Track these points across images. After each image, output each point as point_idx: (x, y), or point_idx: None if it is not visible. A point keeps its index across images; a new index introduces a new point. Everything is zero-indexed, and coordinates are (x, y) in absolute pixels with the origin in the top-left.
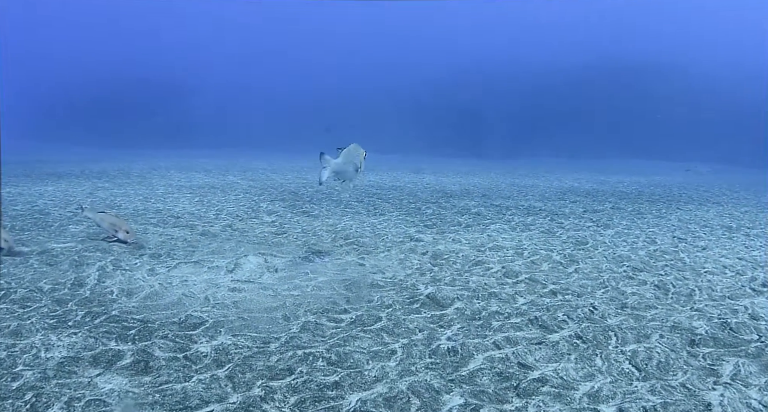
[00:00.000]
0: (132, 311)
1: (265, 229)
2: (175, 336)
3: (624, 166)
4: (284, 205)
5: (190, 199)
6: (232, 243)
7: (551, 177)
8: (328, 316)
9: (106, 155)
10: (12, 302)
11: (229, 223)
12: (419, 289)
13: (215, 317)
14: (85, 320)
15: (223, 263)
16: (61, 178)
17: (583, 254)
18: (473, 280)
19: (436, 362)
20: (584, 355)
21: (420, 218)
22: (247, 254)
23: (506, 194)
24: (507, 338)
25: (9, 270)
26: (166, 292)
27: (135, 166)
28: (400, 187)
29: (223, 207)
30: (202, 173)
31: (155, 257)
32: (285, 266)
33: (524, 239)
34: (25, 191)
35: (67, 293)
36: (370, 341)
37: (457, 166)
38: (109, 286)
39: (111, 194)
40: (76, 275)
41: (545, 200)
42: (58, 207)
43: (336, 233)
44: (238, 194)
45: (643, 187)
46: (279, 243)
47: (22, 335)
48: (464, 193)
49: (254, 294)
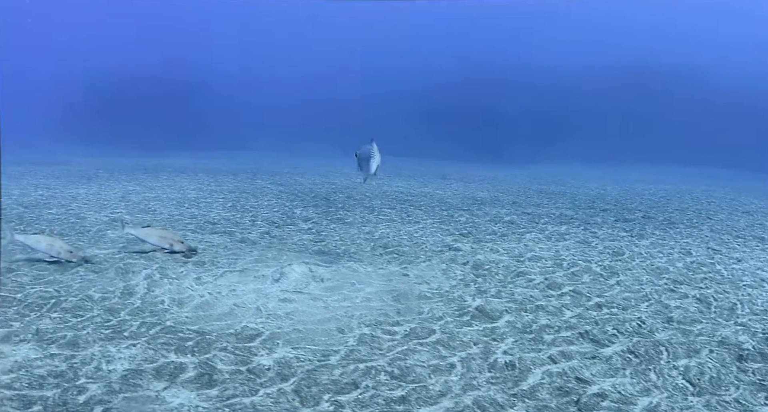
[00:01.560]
0: (186, 322)
1: (303, 237)
2: (234, 348)
3: (647, 173)
4: (318, 211)
5: (224, 205)
6: (273, 251)
7: (576, 183)
8: (382, 328)
9: (129, 156)
10: (64, 310)
11: (267, 230)
12: (467, 301)
13: (270, 329)
14: (140, 331)
15: (269, 272)
16: (91, 181)
17: (622, 265)
18: (518, 292)
19: (496, 376)
20: (638, 370)
21: (454, 226)
22: (291, 263)
23: (536, 202)
24: (561, 352)
25: (56, 277)
26: (216, 302)
27: (162, 169)
28: (430, 194)
29: (257, 213)
30: (229, 176)
31: (199, 265)
32: (330, 275)
33: (561, 249)
34: (58, 194)
35: (117, 302)
36: (428, 354)
37: (480, 171)
38: (159, 295)
39: (144, 198)
40: (124, 284)
41: (576, 209)
42: (93, 211)
43: (374, 241)
44: (270, 200)
45: (670, 195)
46: (319, 251)
47: (79, 345)
48: (494, 200)
49: (305, 305)
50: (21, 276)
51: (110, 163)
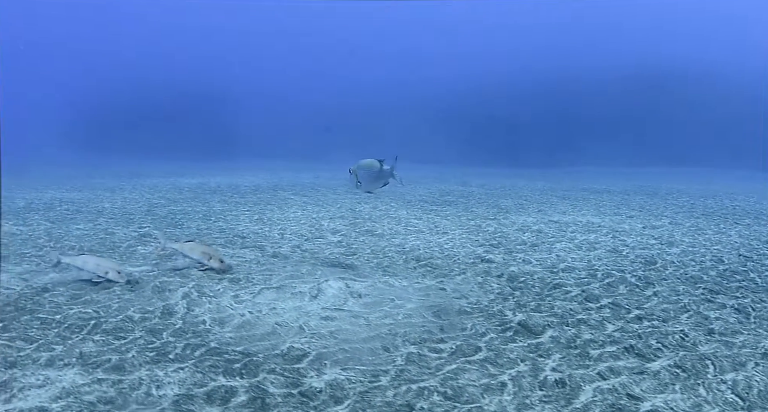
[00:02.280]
0: (230, 342)
1: (334, 250)
2: (282, 370)
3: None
4: (345, 223)
5: (250, 217)
6: (307, 266)
7: (597, 187)
8: (428, 346)
9: (148, 166)
10: (105, 332)
11: (297, 243)
12: (507, 315)
13: (316, 349)
14: (186, 353)
15: (306, 289)
16: (114, 193)
17: (656, 274)
18: (557, 305)
19: (548, 394)
20: (687, 385)
21: (483, 236)
22: (327, 279)
23: (561, 209)
24: (609, 367)
25: (92, 297)
26: (258, 321)
27: (183, 181)
28: (453, 202)
29: (285, 226)
30: (251, 188)
31: (235, 281)
32: (367, 290)
33: (593, 259)
34: (83, 208)
35: (158, 322)
36: (478, 373)
37: (499, 177)
38: (199, 315)
39: (169, 212)
40: (163, 303)
41: (601, 216)
42: (121, 226)
43: (406, 253)
44: (295, 211)
45: (694, 199)
46: (353, 266)
47: (125, 369)
48: (519, 208)
49: (347, 323)
50: (57, 296)
51: (130, 175)
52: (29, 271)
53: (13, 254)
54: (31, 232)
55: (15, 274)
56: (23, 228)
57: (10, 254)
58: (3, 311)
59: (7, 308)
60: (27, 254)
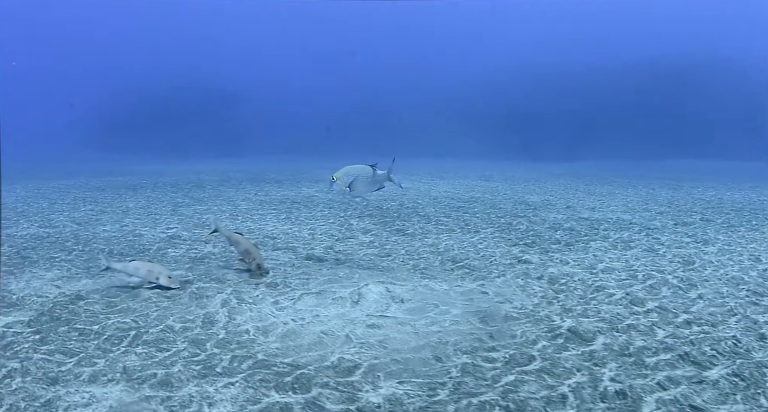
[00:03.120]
0: (277, 354)
1: (368, 251)
2: (336, 383)
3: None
4: (374, 221)
5: (277, 217)
6: (343, 269)
7: (621, 181)
8: (480, 355)
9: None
10: (147, 344)
11: (329, 244)
12: (555, 321)
13: (367, 360)
14: (233, 366)
15: (346, 294)
16: (137, 193)
17: (696, 275)
18: (603, 309)
19: (611, 406)
20: (748, 395)
21: (516, 235)
22: (367, 283)
23: (589, 205)
24: (668, 377)
25: (129, 305)
26: (302, 329)
27: (204, 178)
28: (480, 199)
29: (315, 226)
30: (274, 185)
31: (272, 286)
32: (409, 295)
33: (630, 258)
34: (107, 208)
35: (200, 332)
36: (536, 384)
37: (521, 171)
38: (241, 323)
39: (195, 212)
40: (203, 311)
41: (631, 212)
42: (148, 227)
43: (441, 254)
44: (322, 210)
45: (720, 193)
46: (389, 268)
47: (173, 385)
48: (547, 204)
49: (394, 331)
50: (92, 304)
51: (151, 173)
52: (60, 277)
53: (43, 258)
54: (57, 234)
55: (47, 280)
56: (49, 230)
57: (40, 259)
58: (39, 320)
59: (43, 317)
60: (56, 258)
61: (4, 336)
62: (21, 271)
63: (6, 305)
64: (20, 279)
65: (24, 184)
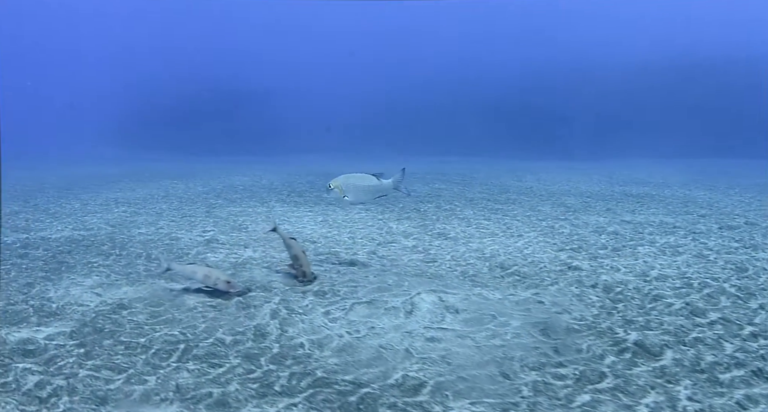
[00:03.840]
0: (336, 370)
1: (412, 256)
2: (404, 405)
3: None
4: (413, 224)
5: (314, 219)
6: (391, 276)
7: (654, 181)
8: (549, 371)
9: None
10: (198, 359)
11: (372, 249)
12: (618, 333)
13: (432, 377)
14: (292, 384)
15: (398, 303)
16: (168, 193)
17: (753, 284)
18: (666, 321)
19: None
20: None
21: (560, 239)
22: (419, 291)
23: (629, 208)
24: (746, 395)
25: (174, 315)
26: (359, 343)
27: (235, 179)
28: (517, 201)
29: (353, 229)
30: (305, 185)
31: (320, 294)
32: (463, 305)
33: (681, 265)
34: (140, 209)
35: (252, 346)
36: (613, 404)
37: (552, 172)
38: (294, 336)
39: (230, 213)
40: (253, 323)
41: (673, 214)
42: (184, 230)
43: (487, 260)
44: (359, 212)
45: (760, 195)
46: (437, 275)
47: (231, 406)
48: (585, 205)
49: (455, 344)
50: (136, 314)
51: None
52: (100, 283)
53: (80, 263)
54: (93, 237)
55: (86, 287)
56: (84, 232)
57: (77, 264)
58: (81, 332)
59: (85, 328)
60: (94, 263)
61: (46, 349)
62: (58, 277)
63: (45, 314)
64: (58, 286)
65: (54, 184)
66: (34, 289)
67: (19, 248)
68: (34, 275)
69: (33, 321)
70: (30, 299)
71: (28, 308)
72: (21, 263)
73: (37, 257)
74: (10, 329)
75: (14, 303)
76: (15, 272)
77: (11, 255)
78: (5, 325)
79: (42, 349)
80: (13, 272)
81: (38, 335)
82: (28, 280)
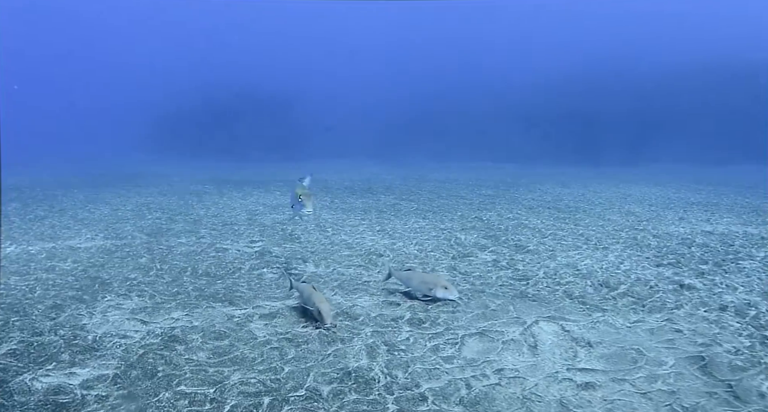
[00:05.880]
0: None
1: (499, 273)
2: None
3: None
4: (482, 235)
5: (371, 228)
6: (489, 298)
7: (705, 188)
8: None
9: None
10: None
11: (449, 264)
12: None
13: None
14: None
15: (516, 335)
16: (202, 198)
17: None
18: None
19: None
20: None
21: (653, 252)
22: (534, 319)
23: (698, 216)
24: None
25: (242, 352)
26: (494, 392)
27: (273, 184)
28: (582, 208)
29: (418, 240)
30: (346, 192)
31: (417, 323)
32: (591, 335)
33: None
34: (177, 217)
35: (359, 399)
36: None
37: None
38: (408, 384)
39: (275, 221)
40: (347, 364)
41: (752, 225)
42: (229, 240)
43: (585, 277)
44: (416, 220)
45: None
46: (540, 297)
47: None
48: (653, 214)
49: (615, 392)
50: (194, 350)
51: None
52: (144, 307)
53: (116, 279)
54: (128, 247)
55: (128, 312)
56: (117, 242)
57: (113, 280)
58: (127, 377)
59: (132, 371)
60: (133, 279)
61: (84, 403)
62: (92, 297)
63: (80, 348)
64: (93, 309)
65: (81, 188)
66: (65, 313)
67: (44, 259)
68: (63, 294)
69: (65, 359)
70: (59, 328)
71: (57, 340)
72: (47, 279)
73: (65, 270)
74: (35, 371)
75: (40, 333)
76: (41, 289)
77: (36, 268)
78: (29, 364)
79: (78, 403)
80: (39, 290)
81: (72, 380)
82: (56, 300)
